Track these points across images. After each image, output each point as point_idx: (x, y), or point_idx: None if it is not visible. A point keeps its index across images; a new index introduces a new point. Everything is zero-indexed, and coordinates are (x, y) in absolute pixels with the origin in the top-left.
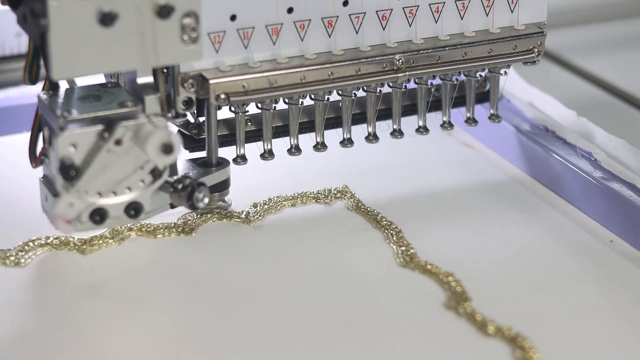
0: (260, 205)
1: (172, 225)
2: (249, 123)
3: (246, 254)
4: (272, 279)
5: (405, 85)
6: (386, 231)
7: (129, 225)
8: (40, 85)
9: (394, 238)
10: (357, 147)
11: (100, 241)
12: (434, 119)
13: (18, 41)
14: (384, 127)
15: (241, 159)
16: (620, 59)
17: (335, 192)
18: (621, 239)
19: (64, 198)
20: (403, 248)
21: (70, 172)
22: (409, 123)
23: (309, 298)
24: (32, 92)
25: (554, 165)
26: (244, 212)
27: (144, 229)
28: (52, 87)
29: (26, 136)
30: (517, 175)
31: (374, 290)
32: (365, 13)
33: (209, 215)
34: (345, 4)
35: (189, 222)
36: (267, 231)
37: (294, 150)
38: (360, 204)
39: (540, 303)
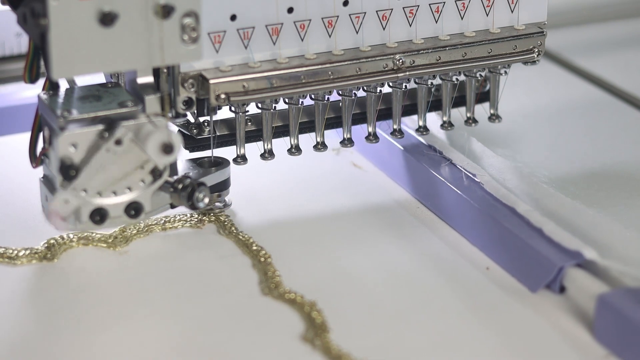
0: (130, 229)
1: (35, 251)
2: (249, 123)
3: (106, 280)
4: (128, 308)
5: (406, 85)
6: (255, 257)
7: None
8: (40, 85)
9: (262, 265)
10: (248, 165)
11: None
12: (411, 120)
13: (18, 41)
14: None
15: (241, 159)
16: (620, 59)
17: (209, 216)
18: (498, 265)
19: (59, 194)
20: (269, 274)
21: (70, 172)
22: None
23: (167, 327)
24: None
25: (437, 187)
26: (112, 237)
27: (5, 255)
28: (52, 87)
29: (23, 136)
30: (402, 197)
31: (231, 320)
32: (365, 13)
33: (75, 240)
34: (345, 3)
35: (53, 247)
36: (131, 257)
37: (294, 150)
38: (233, 228)
39: (403, 333)
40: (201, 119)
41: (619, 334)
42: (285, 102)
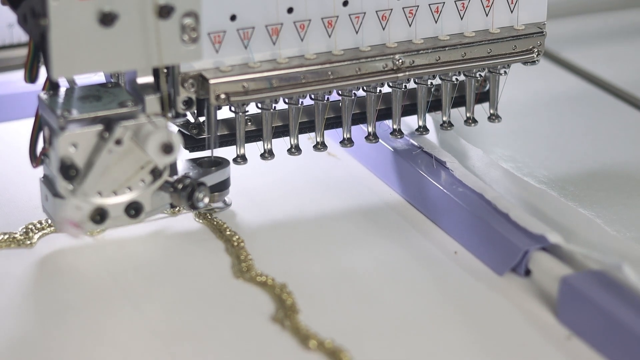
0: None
1: (13, 236)
2: (249, 123)
3: (82, 264)
4: (102, 290)
5: (405, 85)
6: (228, 241)
7: None
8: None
9: (234, 249)
10: (248, 165)
11: None
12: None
13: (10, 32)
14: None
15: (241, 159)
16: (605, 51)
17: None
18: (466, 249)
19: (70, 201)
20: (242, 258)
21: (70, 172)
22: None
23: (141, 309)
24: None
25: (407, 172)
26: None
27: None
28: (52, 87)
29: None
30: (375, 185)
31: (202, 302)
32: (365, 13)
33: (53, 226)
34: (345, 4)
35: (31, 231)
36: (107, 241)
37: (294, 150)
38: (207, 214)
39: (371, 314)
40: (201, 119)
41: (581, 315)
42: (285, 102)
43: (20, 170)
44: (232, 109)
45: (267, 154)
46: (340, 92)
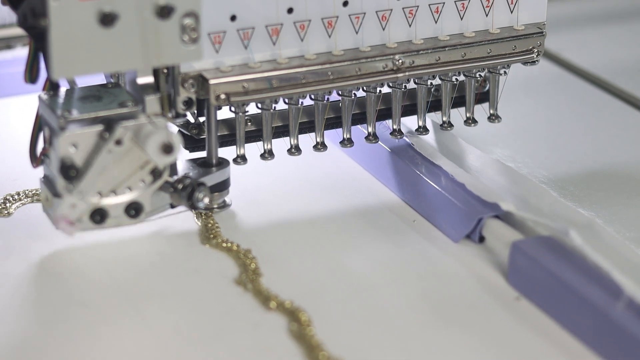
0: None
1: None
2: (249, 123)
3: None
4: (70, 247)
5: (405, 85)
6: (198, 212)
7: None
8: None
9: (203, 216)
10: (248, 165)
11: None
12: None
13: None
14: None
15: (241, 159)
16: (575, 37)
17: None
18: (424, 218)
19: (66, 199)
20: (209, 226)
21: (70, 172)
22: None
23: (107, 270)
24: None
25: (403, 172)
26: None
27: None
28: (52, 87)
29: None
30: (374, 185)
31: (168, 267)
32: (365, 13)
33: (30, 196)
34: (345, 4)
35: (8, 202)
36: None
37: (294, 150)
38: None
39: (328, 277)
40: (201, 119)
41: (530, 278)
42: (285, 102)
43: None
44: (232, 109)
45: (267, 154)
46: (340, 92)
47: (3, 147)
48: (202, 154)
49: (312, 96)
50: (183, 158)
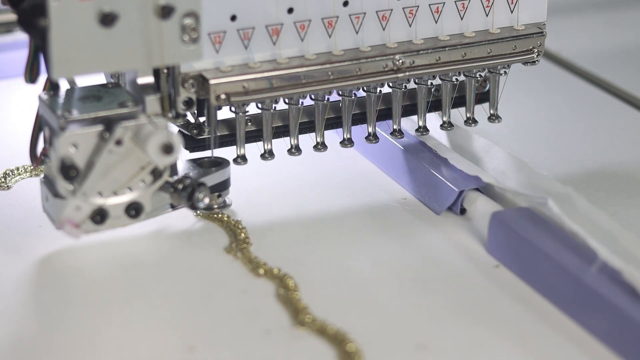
0: None
1: None
2: (249, 123)
3: None
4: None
5: (405, 86)
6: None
7: None
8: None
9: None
10: (248, 165)
11: None
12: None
13: None
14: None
15: (241, 159)
16: (557, 25)
17: None
18: (409, 193)
19: (70, 202)
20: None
21: (70, 172)
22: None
23: (103, 242)
24: None
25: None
26: None
27: None
28: (52, 87)
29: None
30: (375, 185)
31: (163, 237)
32: (365, 13)
33: (28, 171)
34: (345, 4)
35: (8, 176)
36: None
37: (294, 150)
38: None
39: (316, 245)
40: (201, 119)
41: (508, 247)
42: (285, 103)
43: None
44: (233, 109)
45: (267, 154)
46: (340, 92)
47: (2, 126)
48: (204, 153)
49: (312, 96)
50: (183, 158)
